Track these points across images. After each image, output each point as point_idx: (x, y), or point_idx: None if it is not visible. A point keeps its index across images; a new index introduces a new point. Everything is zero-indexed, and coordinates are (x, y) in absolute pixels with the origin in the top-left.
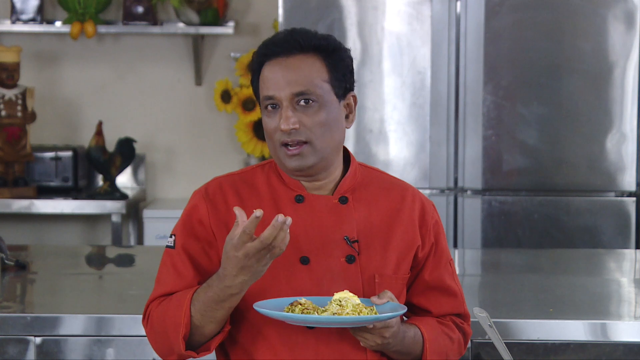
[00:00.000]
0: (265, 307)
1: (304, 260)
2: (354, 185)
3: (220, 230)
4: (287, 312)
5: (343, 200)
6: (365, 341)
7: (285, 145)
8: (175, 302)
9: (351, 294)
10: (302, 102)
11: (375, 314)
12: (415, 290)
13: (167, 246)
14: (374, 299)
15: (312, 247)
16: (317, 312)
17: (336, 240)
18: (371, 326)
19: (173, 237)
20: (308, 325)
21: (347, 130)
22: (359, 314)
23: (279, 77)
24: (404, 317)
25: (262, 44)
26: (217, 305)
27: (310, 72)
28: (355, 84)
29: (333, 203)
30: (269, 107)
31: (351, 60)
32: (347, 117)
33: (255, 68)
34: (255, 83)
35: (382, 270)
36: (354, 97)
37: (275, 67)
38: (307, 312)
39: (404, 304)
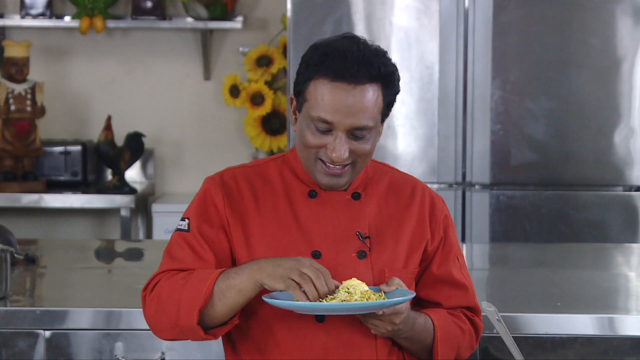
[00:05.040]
0: (274, 298)
1: (316, 255)
2: (366, 180)
3: (234, 219)
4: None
5: (356, 196)
6: (376, 328)
7: (323, 161)
8: (199, 276)
9: (359, 281)
10: (357, 133)
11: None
12: (424, 283)
13: (180, 229)
14: (383, 286)
15: (324, 241)
16: (326, 301)
17: (348, 236)
18: (381, 313)
19: (186, 220)
20: (317, 313)
21: None
22: (367, 300)
23: (342, 106)
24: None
25: (328, 58)
26: (240, 294)
27: (373, 105)
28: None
29: (346, 199)
30: (320, 128)
31: (399, 83)
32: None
33: (311, 73)
34: (304, 85)
35: (392, 265)
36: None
37: (339, 92)
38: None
39: None
